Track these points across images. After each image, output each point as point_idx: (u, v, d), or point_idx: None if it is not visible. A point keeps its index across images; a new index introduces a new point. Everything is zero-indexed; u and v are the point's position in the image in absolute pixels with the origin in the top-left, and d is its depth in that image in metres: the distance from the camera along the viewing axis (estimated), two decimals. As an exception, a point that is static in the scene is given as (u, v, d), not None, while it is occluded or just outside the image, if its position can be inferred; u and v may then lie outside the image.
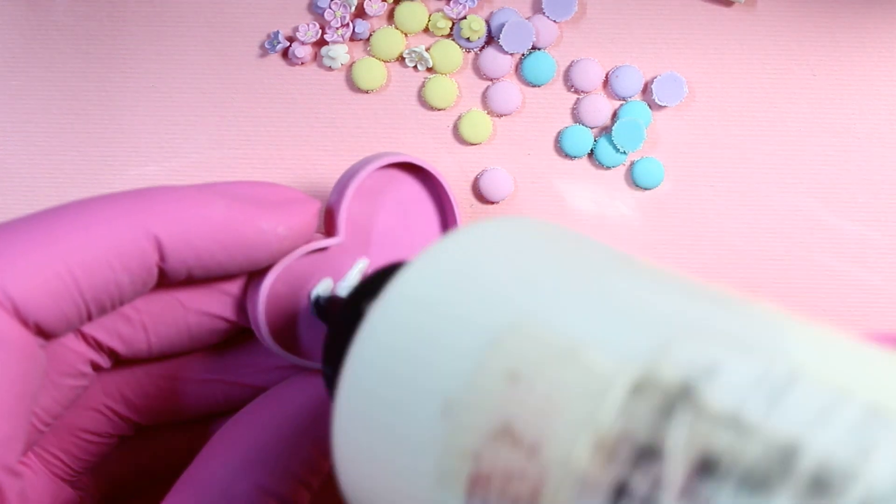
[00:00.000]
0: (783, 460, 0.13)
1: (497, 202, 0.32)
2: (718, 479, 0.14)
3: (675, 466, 0.14)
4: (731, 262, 0.33)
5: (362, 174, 0.26)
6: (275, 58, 0.32)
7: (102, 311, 0.22)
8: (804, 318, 0.16)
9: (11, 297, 0.21)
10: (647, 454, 0.14)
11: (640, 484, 0.14)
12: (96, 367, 0.24)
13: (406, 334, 0.18)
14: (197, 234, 0.22)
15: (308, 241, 0.25)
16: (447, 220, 0.28)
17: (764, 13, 0.32)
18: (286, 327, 0.26)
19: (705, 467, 0.14)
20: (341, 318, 0.22)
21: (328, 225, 0.26)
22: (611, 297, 0.17)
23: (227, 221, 0.23)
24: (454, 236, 0.19)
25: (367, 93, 0.32)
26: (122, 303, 0.22)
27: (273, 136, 0.32)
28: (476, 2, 0.32)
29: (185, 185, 0.23)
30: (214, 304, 0.25)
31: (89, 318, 0.22)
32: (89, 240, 0.21)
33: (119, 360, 0.25)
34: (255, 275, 0.25)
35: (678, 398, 0.15)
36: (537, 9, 0.32)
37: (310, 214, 0.24)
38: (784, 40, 0.32)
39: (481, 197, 0.32)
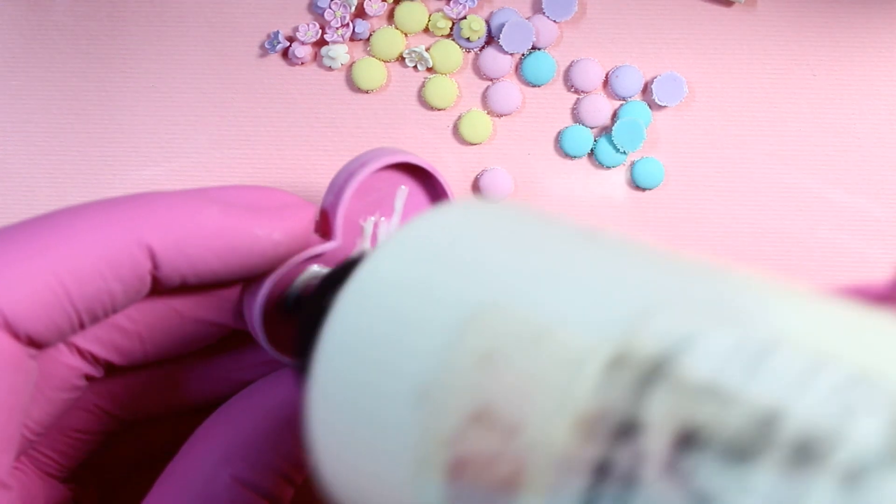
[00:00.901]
0: (764, 428, 0.13)
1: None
2: (700, 451, 0.13)
3: (656, 440, 0.14)
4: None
5: (359, 176, 0.25)
6: (275, 58, 0.32)
7: (95, 319, 0.22)
8: (786, 283, 0.16)
9: (1, 309, 0.20)
10: (627, 430, 0.14)
11: (621, 461, 0.14)
12: (90, 378, 0.24)
13: (375, 316, 0.17)
14: (190, 242, 0.22)
15: (304, 245, 0.24)
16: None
17: (764, 13, 0.32)
18: (285, 331, 0.25)
19: (687, 440, 0.13)
20: (310, 305, 0.21)
21: (324, 227, 0.25)
22: (581, 274, 0.16)
23: (221, 228, 0.22)
24: (420, 220, 0.19)
25: (367, 93, 0.32)
26: (114, 311, 0.22)
27: (273, 136, 0.32)
28: (476, 2, 0.32)
29: (178, 191, 0.23)
30: (212, 312, 0.25)
31: (81, 326, 0.22)
32: (80, 249, 0.21)
33: (113, 368, 0.25)
34: (250, 280, 0.25)
35: (655, 371, 0.14)
36: (537, 9, 0.32)
37: (305, 219, 0.24)
38: (784, 40, 0.32)
39: (481, 197, 0.32)
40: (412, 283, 0.17)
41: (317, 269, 0.25)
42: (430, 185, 0.27)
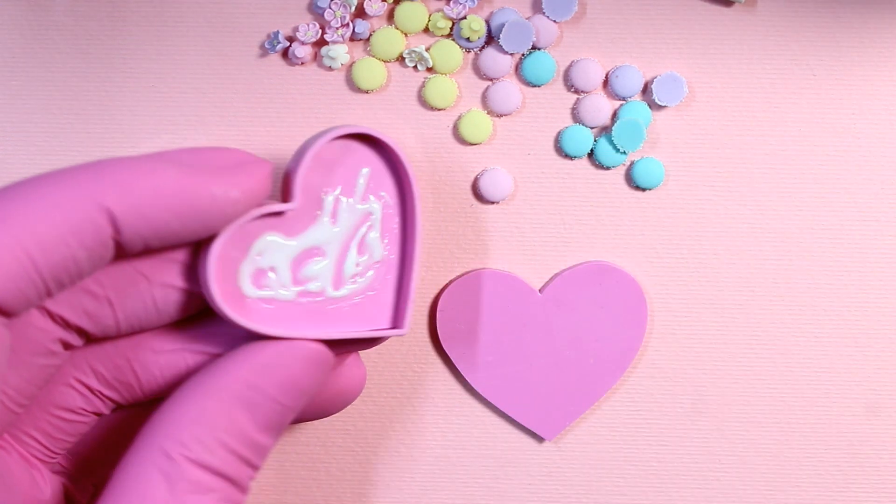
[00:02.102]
0: None
1: (497, 202, 0.32)
2: None
3: None
4: (731, 262, 0.33)
5: (321, 142, 0.26)
6: (275, 58, 0.32)
7: (62, 286, 0.22)
8: None
9: None
10: None
11: None
12: (67, 346, 0.24)
13: None
14: (149, 204, 0.22)
15: (262, 203, 0.25)
16: (405, 190, 0.28)
17: (764, 13, 0.32)
18: (242, 295, 0.26)
19: None
20: None
21: (284, 190, 0.27)
22: None
23: (179, 189, 0.23)
24: None
25: (367, 93, 0.32)
26: (80, 277, 0.22)
27: (273, 136, 0.32)
28: (476, 2, 0.32)
29: (136, 156, 0.23)
30: (178, 277, 0.25)
31: (49, 294, 0.22)
32: (41, 217, 0.21)
33: (90, 339, 0.25)
34: (207, 240, 0.25)
35: None
36: (537, 9, 0.32)
37: (262, 176, 0.25)
38: (784, 40, 0.32)
39: (481, 197, 0.32)
40: None
41: (273, 237, 0.26)
42: (395, 167, 0.28)
